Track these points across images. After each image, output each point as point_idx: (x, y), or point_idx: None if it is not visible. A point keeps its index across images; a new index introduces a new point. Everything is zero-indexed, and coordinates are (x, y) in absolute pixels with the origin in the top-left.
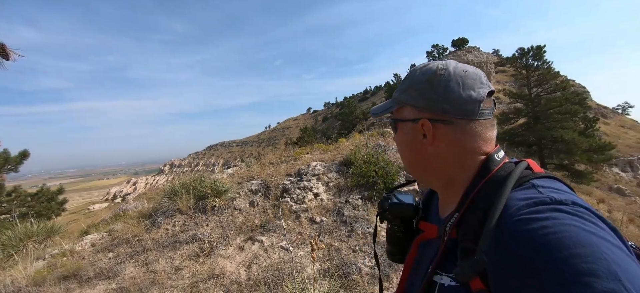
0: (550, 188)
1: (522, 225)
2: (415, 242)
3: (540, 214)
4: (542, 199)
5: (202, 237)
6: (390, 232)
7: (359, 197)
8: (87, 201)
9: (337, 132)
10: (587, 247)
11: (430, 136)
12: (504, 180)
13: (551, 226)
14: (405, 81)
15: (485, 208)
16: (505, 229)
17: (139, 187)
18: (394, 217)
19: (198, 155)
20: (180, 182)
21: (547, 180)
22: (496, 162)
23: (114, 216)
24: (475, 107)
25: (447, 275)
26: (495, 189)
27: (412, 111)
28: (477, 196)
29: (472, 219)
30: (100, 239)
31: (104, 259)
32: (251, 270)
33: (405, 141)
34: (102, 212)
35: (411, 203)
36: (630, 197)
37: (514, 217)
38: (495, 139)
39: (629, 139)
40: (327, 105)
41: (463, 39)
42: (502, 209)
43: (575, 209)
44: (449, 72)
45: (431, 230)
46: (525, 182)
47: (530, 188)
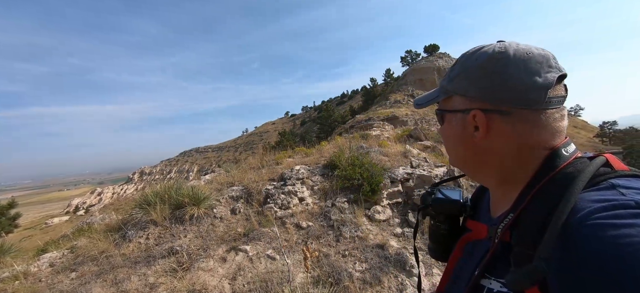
0: (636, 190)
1: (596, 232)
2: (460, 241)
3: (620, 220)
4: (624, 202)
5: (179, 249)
6: (433, 228)
7: (345, 199)
8: (45, 214)
9: (316, 135)
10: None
11: (483, 129)
12: (573, 177)
13: (635, 235)
14: (455, 67)
15: (547, 209)
16: (573, 235)
17: (104, 198)
18: (437, 214)
19: (171, 162)
20: (153, 191)
21: (634, 179)
22: (564, 157)
23: (77, 231)
24: (540, 94)
25: (498, 280)
26: (562, 188)
27: (462, 101)
28: (538, 195)
29: (530, 221)
30: (60, 258)
31: (66, 281)
32: (236, 282)
33: (454, 134)
34: (62, 227)
35: (457, 200)
36: None
37: (585, 222)
38: (565, 131)
39: (581, 138)
40: (305, 109)
41: (434, 46)
42: (570, 212)
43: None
44: (508, 55)
45: (480, 230)
46: (602, 181)
47: (609, 189)
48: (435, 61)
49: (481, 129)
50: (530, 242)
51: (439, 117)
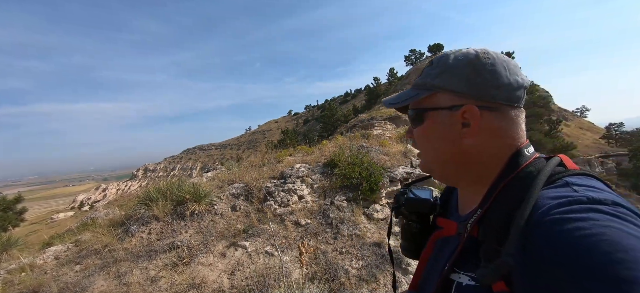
0: (587, 187)
1: (554, 226)
2: (431, 239)
3: (575, 214)
4: (578, 198)
5: (180, 244)
6: (406, 227)
7: (344, 198)
8: (51, 210)
9: (319, 134)
10: (630, 252)
11: (475, 124)
12: (534, 176)
13: (588, 228)
14: (434, 67)
15: (511, 206)
16: (535, 230)
17: (109, 194)
18: (410, 213)
19: (174, 159)
20: (156, 187)
21: (584, 177)
22: (526, 157)
23: (81, 225)
24: (521, 93)
25: (466, 274)
26: (524, 186)
27: (449, 97)
28: (503, 193)
29: (495, 218)
30: (65, 251)
31: (70, 273)
32: (234, 277)
33: (438, 133)
34: (67, 221)
35: (428, 199)
36: None
37: (544, 217)
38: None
39: (587, 139)
40: (308, 107)
41: (439, 45)
42: (531, 208)
43: (615, 209)
44: (493, 56)
45: (450, 227)
46: (558, 180)
47: (564, 186)
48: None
49: (473, 125)
50: (496, 238)
51: (417, 116)
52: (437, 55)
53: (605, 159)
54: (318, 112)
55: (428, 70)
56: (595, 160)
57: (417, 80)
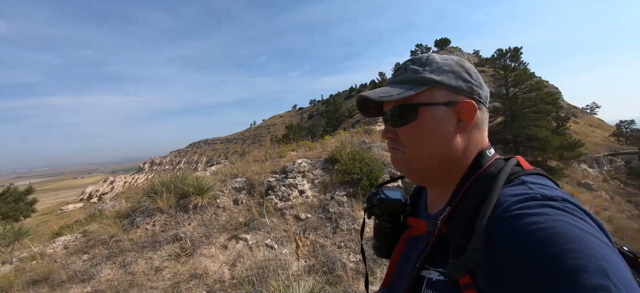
0: (540, 185)
1: (513, 222)
2: (403, 237)
3: (531, 210)
4: (533, 195)
5: (183, 236)
6: (378, 227)
7: (344, 193)
8: (60, 201)
9: (323, 129)
10: (576, 242)
11: (469, 121)
12: (495, 176)
13: (542, 222)
14: (425, 64)
15: (476, 204)
16: (496, 225)
17: (116, 186)
18: (382, 213)
19: (180, 153)
20: (160, 181)
21: (536, 176)
22: (488, 158)
23: (89, 216)
24: (488, 96)
25: (436, 269)
26: (487, 185)
27: (446, 93)
28: (468, 192)
29: (462, 215)
30: (73, 241)
31: (78, 262)
32: (235, 268)
33: (432, 128)
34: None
35: (399, 199)
36: (596, 192)
37: (505, 214)
38: None
39: (596, 137)
40: (313, 102)
41: (445, 39)
42: (493, 206)
43: (564, 205)
44: (466, 61)
45: (420, 226)
46: (515, 179)
47: (521, 185)
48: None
49: (467, 121)
50: (463, 234)
51: (411, 112)
52: (419, 56)
53: (614, 157)
54: (323, 107)
55: (418, 68)
56: (603, 158)
57: (406, 77)
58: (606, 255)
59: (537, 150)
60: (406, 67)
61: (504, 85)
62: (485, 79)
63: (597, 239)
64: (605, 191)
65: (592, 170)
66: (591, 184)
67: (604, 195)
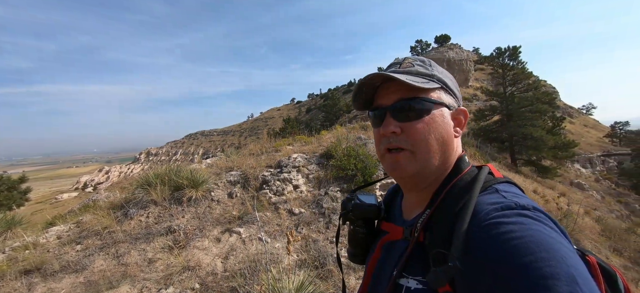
0: (512, 193)
1: (491, 230)
2: (379, 244)
3: (507, 219)
4: (508, 204)
5: (177, 228)
6: (352, 233)
7: (338, 189)
8: (55, 190)
9: (320, 123)
10: (550, 251)
11: (463, 126)
12: (472, 184)
13: (518, 231)
14: (427, 65)
15: (454, 211)
16: (475, 233)
17: (112, 176)
18: (356, 218)
19: (176, 144)
20: (154, 172)
21: (507, 185)
22: (466, 164)
23: (83, 207)
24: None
25: (414, 278)
26: (464, 193)
27: (450, 97)
28: (446, 198)
29: (440, 222)
30: (67, 231)
31: (71, 252)
32: (228, 261)
33: (441, 127)
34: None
35: (374, 204)
36: (588, 191)
37: (483, 222)
38: None
39: (591, 137)
40: (311, 96)
41: (445, 36)
42: (472, 214)
43: (536, 214)
44: None
45: (396, 232)
46: (489, 187)
47: (494, 193)
48: (446, 52)
49: (461, 128)
50: (443, 242)
51: (422, 108)
52: (423, 57)
53: (607, 158)
54: (321, 101)
55: (425, 64)
56: (596, 159)
57: (415, 69)
58: (574, 262)
59: (532, 149)
60: (413, 61)
61: (502, 83)
62: (484, 77)
63: (565, 247)
64: (597, 191)
65: (585, 170)
66: (583, 184)
67: (596, 195)
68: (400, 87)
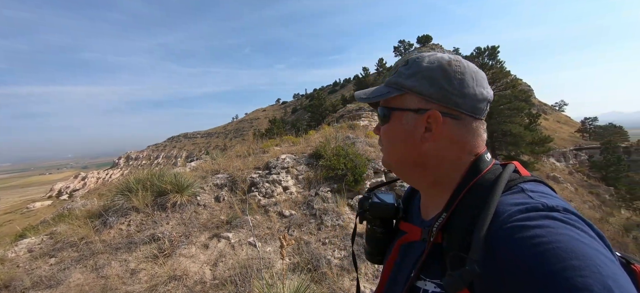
0: (540, 193)
1: (514, 233)
2: (396, 244)
3: (533, 222)
4: (534, 205)
5: (161, 236)
6: (370, 232)
7: (328, 189)
8: (26, 199)
9: (307, 124)
10: (582, 259)
11: (436, 130)
12: (494, 183)
13: (545, 235)
14: (408, 67)
15: (474, 212)
16: (496, 237)
17: (89, 183)
18: (374, 217)
19: (158, 147)
20: (135, 177)
21: (535, 183)
22: (486, 163)
23: (57, 216)
24: (484, 105)
25: (432, 280)
26: (485, 193)
27: (417, 100)
28: (466, 199)
29: (459, 223)
30: (39, 243)
31: (44, 266)
32: (217, 268)
33: (401, 133)
34: (45, 211)
35: (392, 203)
36: (563, 184)
37: (505, 225)
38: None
39: (564, 132)
40: (297, 96)
41: (427, 36)
42: (493, 215)
43: (567, 217)
44: (464, 65)
45: (414, 232)
46: (514, 186)
47: (520, 193)
48: (427, 52)
49: (434, 130)
50: (460, 244)
51: (385, 115)
52: (414, 56)
53: (578, 152)
54: (306, 101)
55: (402, 69)
56: (569, 153)
57: (390, 79)
58: (612, 272)
59: (511, 145)
60: (397, 68)
61: None
62: None
63: (602, 254)
64: (571, 183)
65: (560, 164)
66: (558, 177)
67: (570, 187)
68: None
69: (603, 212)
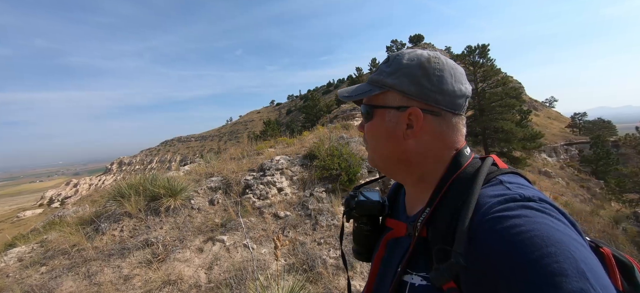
0: (517, 184)
1: (495, 224)
2: (383, 241)
3: (512, 212)
4: (512, 196)
5: (155, 241)
6: (357, 230)
7: (323, 189)
8: (16, 208)
9: (301, 125)
10: (557, 246)
11: (418, 127)
12: (474, 177)
13: (523, 224)
14: (389, 65)
15: (456, 206)
16: (478, 228)
17: (81, 189)
18: (360, 215)
19: (152, 152)
20: (128, 183)
21: (512, 175)
22: (466, 157)
23: (48, 224)
24: (463, 101)
25: (418, 274)
26: (466, 186)
27: (399, 98)
28: (448, 193)
29: (443, 217)
30: (29, 252)
31: (35, 275)
32: (212, 272)
33: (384, 130)
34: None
35: (378, 201)
36: (554, 179)
37: (486, 216)
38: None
39: (554, 128)
40: (291, 97)
41: (419, 36)
42: (474, 207)
43: (542, 206)
44: (443, 62)
45: (399, 228)
46: (493, 179)
47: (498, 185)
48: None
49: (415, 127)
50: (444, 237)
51: (368, 112)
52: (394, 53)
53: (569, 146)
54: (301, 103)
55: (383, 67)
56: (560, 148)
57: (372, 76)
58: (585, 257)
59: (503, 142)
60: (379, 66)
61: (474, 80)
62: None
63: (574, 240)
64: (562, 178)
65: (551, 159)
66: (550, 172)
67: (561, 181)
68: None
69: (594, 205)
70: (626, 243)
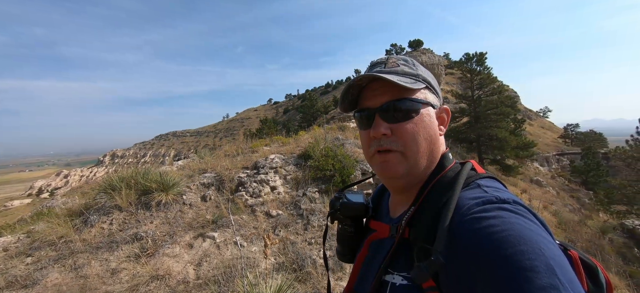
0: (493, 188)
1: (472, 224)
2: (366, 242)
3: (488, 213)
4: (489, 198)
5: (145, 235)
6: (341, 232)
7: (316, 190)
8: (4, 197)
9: (298, 124)
10: (529, 244)
11: (446, 125)
12: (454, 180)
13: (499, 224)
14: (411, 63)
15: (437, 207)
16: (457, 228)
17: (71, 180)
18: (344, 217)
19: (145, 145)
20: (119, 175)
21: (489, 180)
22: (449, 161)
23: (36, 214)
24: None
25: (399, 273)
26: (447, 189)
27: (435, 96)
28: (430, 194)
29: (424, 218)
30: (15, 242)
31: (20, 265)
32: (201, 268)
33: (429, 127)
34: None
35: (362, 203)
36: (546, 188)
37: (465, 217)
38: None
39: (547, 138)
40: (289, 97)
41: (418, 41)
42: (454, 209)
43: (516, 208)
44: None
45: (383, 230)
46: (472, 183)
47: (476, 188)
48: (419, 56)
49: (445, 126)
50: (426, 237)
51: (414, 108)
52: (405, 56)
53: (561, 157)
54: (298, 102)
55: (409, 64)
56: (552, 158)
57: (402, 69)
58: (554, 254)
59: (497, 149)
60: (397, 60)
61: (470, 87)
62: (453, 81)
63: (545, 239)
64: (553, 187)
65: (543, 168)
66: (541, 181)
67: (552, 191)
68: (388, 87)
69: (582, 214)
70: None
